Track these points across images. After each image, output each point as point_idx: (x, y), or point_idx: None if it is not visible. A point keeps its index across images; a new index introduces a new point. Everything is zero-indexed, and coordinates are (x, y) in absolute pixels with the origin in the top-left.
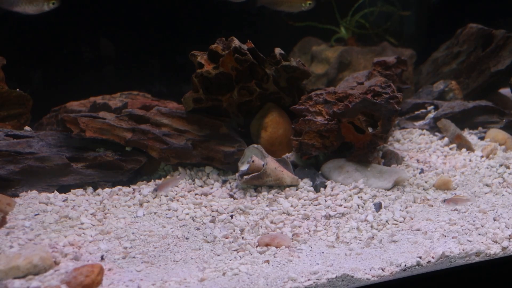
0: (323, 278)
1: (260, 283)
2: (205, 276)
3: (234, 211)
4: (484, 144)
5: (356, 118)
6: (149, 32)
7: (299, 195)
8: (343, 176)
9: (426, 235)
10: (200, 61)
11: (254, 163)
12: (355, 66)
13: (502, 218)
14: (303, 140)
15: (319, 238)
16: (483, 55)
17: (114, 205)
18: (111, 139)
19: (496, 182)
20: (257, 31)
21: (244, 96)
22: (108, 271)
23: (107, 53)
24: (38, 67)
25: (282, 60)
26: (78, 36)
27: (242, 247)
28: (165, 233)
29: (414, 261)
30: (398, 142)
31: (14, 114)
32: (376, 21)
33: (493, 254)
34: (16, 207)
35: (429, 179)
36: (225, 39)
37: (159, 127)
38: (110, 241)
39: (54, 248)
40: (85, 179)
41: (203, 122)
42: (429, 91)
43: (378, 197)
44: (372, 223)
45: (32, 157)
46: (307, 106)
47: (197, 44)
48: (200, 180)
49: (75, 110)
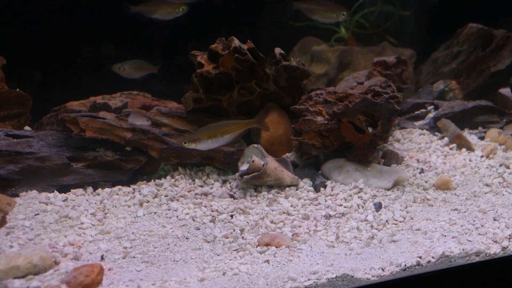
0: (323, 278)
1: (260, 283)
2: (205, 276)
3: (234, 211)
4: (484, 144)
5: (356, 118)
6: (149, 32)
7: (299, 195)
8: (343, 176)
9: (426, 235)
10: (200, 61)
11: (254, 163)
12: (355, 66)
13: (502, 218)
14: (303, 140)
15: (319, 238)
16: (483, 55)
17: (114, 205)
18: (111, 139)
19: (496, 182)
20: (257, 31)
21: (244, 96)
22: (108, 271)
23: (107, 53)
24: (38, 67)
25: (282, 60)
26: (78, 36)
27: (242, 247)
28: (165, 233)
29: (414, 261)
30: (398, 142)
31: (14, 114)
32: (376, 21)
33: (493, 254)
34: (16, 207)
35: (429, 179)
36: (225, 39)
37: (159, 127)
38: (110, 241)
39: (54, 248)
40: (85, 179)
41: (203, 122)
42: (429, 91)
43: (378, 197)
44: (372, 223)
45: (32, 157)
46: (307, 106)
47: (197, 44)
48: (200, 180)
49: (75, 110)
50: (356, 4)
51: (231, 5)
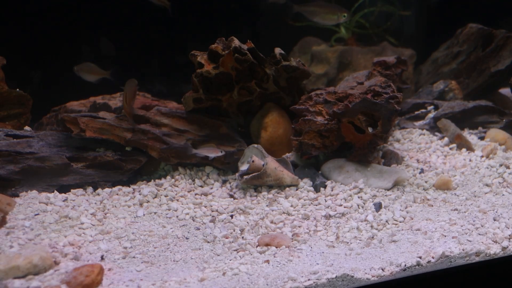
0: (323, 278)
1: (260, 283)
2: (205, 276)
3: (234, 211)
4: (484, 144)
5: (356, 118)
6: (149, 32)
7: (299, 195)
8: (343, 176)
9: (426, 235)
10: (200, 61)
11: (254, 163)
12: (355, 66)
13: (502, 218)
14: (303, 140)
15: (319, 238)
16: (483, 55)
17: (114, 205)
18: (111, 139)
19: (496, 182)
20: (257, 31)
21: (244, 96)
22: (108, 271)
23: (107, 52)
24: (38, 67)
25: (282, 60)
26: (78, 36)
27: (242, 247)
28: (165, 233)
29: (414, 261)
30: (398, 142)
31: (14, 114)
32: (376, 21)
33: (493, 254)
34: (16, 207)
35: (429, 179)
36: (225, 39)
37: (159, 127)
38: (110, 241)
39: (54, 248)
40: (85, 179)
41: (203, 122)
42: (429, 91)
43: (378, 197)
44: (372, 223)
45: (32, 157)
46: (307, 106)
47: (197, 44)
48: (200, 180)
49: (75, 110)
50: (356, 4)
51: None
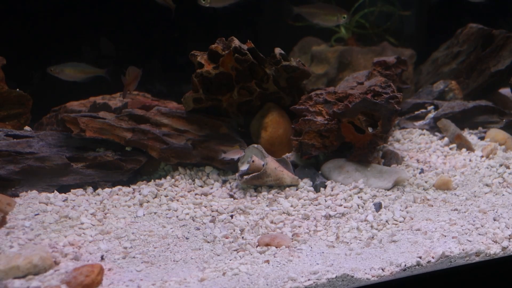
0: (323, 278)
1: (260, 283)
2: (205, 276)
3: (234, 211)
4: (484, 144)
5: (356, 118)
6: (149, 32)
7: (299, 195)
8: (343, 176)
9: (426, 235)
10: (200, 61)
11: (254, 163)
12: (355, 66)
13: (502, 218)
14: (303, 140)
15: (319, 238)
16: (483, 55)
17: (114, 205)
18: (111, 139)
19: (496, 182)
20: (257, 31)
21: (244, 96)
22: (108, 271)
23: (107, 52)
24: (38, 67)
25: (282, 60)
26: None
27: (242, 247)
28: (165, 233)
29: (414, 261)
30: (398, 142)
31: (14, 114)
32: (376, 21)
33: (493, 254)
34: (16, 207)
35: (429, 179)
36: (225, 39)
37: (159, 127)
38: (110, 241)
39: (54, 248)
40: (85, 179)
41: (203, 122)
42: (429, 91)
43: (378, 197)
44: (372, 223)
45: (32, 157)
46: (307, 106)
47: (197, 44)
48: (200, 180)
49: (75, 110)
50: (356, 4)
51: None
